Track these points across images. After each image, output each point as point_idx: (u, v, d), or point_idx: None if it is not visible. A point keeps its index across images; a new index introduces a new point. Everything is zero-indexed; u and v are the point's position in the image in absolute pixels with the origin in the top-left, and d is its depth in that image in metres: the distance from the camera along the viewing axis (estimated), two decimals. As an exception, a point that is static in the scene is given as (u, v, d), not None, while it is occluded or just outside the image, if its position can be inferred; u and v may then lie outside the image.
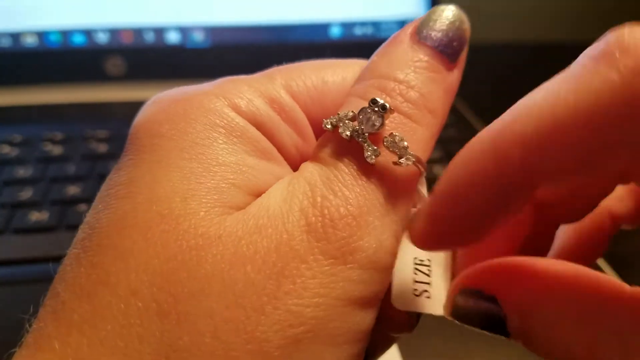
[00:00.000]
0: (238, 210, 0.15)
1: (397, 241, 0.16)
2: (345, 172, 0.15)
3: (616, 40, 0.13)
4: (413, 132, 0.16)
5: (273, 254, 0.14)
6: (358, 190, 0.15)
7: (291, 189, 0.15)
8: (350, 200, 0.15)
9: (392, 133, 0.15)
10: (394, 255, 0.16)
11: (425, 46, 0.17)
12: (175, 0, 0.53)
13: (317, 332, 0.14)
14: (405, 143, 0.15)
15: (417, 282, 0.16)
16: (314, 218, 0.15)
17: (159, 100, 0.18)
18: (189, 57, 0.53)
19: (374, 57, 0.18)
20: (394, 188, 0.16)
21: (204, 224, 0.14)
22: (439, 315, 0.16)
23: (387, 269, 0.16)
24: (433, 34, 0.17)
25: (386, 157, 0.15)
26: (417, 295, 0.16)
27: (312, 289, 0.14)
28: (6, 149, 0.44)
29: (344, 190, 0.15)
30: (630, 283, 0.14)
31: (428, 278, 0.17)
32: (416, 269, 0.17)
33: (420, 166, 0.16)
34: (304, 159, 0.18)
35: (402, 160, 0.15)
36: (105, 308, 0.14)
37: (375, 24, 0.55)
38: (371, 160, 0.15)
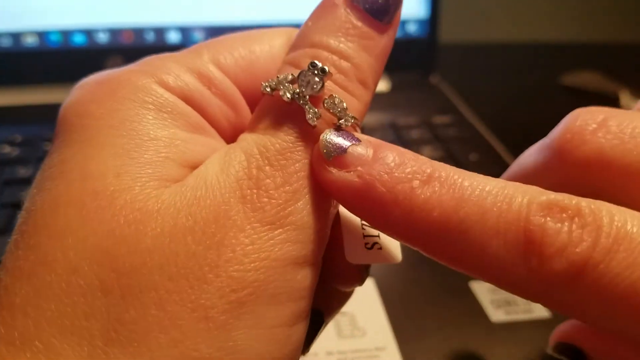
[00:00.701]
0: (174, 182, 0.15)
1: (332, 200, 0.16)
2: (285, 138, 0.16)
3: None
4: (351, 94, 0.16)
5: (212, 225, 0.14)
6: (296, 156, 0.16)
7: (227, 159, 0.16)
8: (288, 169, 0.15)
9: (331, 95, 0.16)
10: (328, 215, 0.16)
11: (359, 10, 0.17)
12: (175, 0, 0.53)
13: (259, 293, 0.14)
14: (345, 104, 0.16)
15: (366, 236, 0.17)
16: (249, 190, 0.15)
17: (85, 83, 0.18)
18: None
19: (308, 20, 0.18)
20: None
21: (140, 198, 0.15)
22: (394, 263, 0.17)
23: (324, 227, 0.16)
24: None
25: (326, 119, 0.16)
26: (369, 249, 0.17)
27: (252, 254, 0.14)
28: (7, 149, 0.44)
29: (281, 159, 0.15)
30: None
31: (375, 232, 0.17)
32: (363, 224, 0.17)
33: (358, 128, 0.16)
34: (237, 131, 0.18)
35: (342, 121, 0.16)
36: (46, 288, 0.14)
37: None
38: (313, 122, 0.15)
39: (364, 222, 0.17)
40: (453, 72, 0.60)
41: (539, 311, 0.31)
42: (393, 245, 0.17)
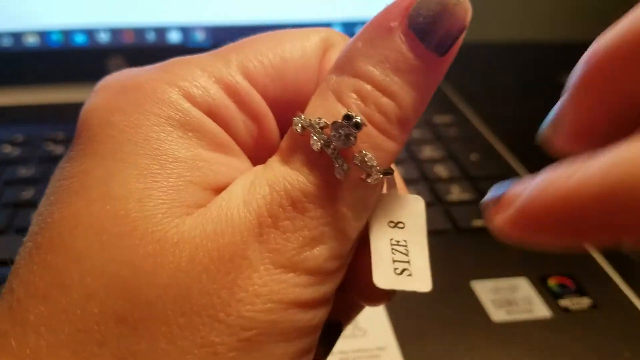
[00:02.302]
0: (197, 207, 0.15)
1: (351, 245, 0.16)
2: (311, 182, 0.15)
3: None
4: (384, 148, 0.16)
5: (228, 264, 0.14)
6: (319, 203, 0.15)
7: (252, 190, 0.15)
8: (309, 213, 0.15)
9: (361, 151, 0.15)
10: (346, 258, 0.16)
11: (413, 39, 0.15)
12: (176, 0, 0.53)
13: (269, 333, 0.14)
14: (375, 162, 0.15)
15: (396, 261, 0.17)
16: (267, 229, 0.15)
17: (107, 86, 0.17)
18: (190, 57, 0.53)
19: (358, 39, 0.16)
20: (358, 202, 0.16)
21: (161, 227, 0.14)
22: (423, 292, 0.16)
23: (338, 270, 0.16)
24: (426, 21, 0.15)
25: (354, 173, 0.15)
26: (398, 274, 0.17)
27: (264, 295, 0.14)
28: (8, 149, 0.44)
29: (305, 202, 0.15)
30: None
31: (406, 257, 0.17)
32: (394, 249, 0.17)
33: (387, 176, 0.16)
34: (259, 145, 0.18)
35: (370, 179, 0.15)
36: (61, 312, 0.14)
37: (376, 24, 0.55)
38: (340, 176, 0.15)
39: (394, 246, 0.17)
40: (453, 71, 0.60)
41: (540, 311, 0.31)
42: (423, 273, 0.17)
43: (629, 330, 0.30)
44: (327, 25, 0.55)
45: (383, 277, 0.16)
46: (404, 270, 0.17)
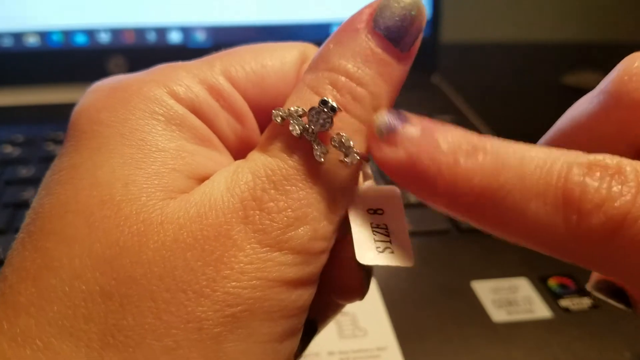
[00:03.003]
0: (180, 193, 0.16)
1: (334, 227, 0.17)
2: (292, 166, 0.16)
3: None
4: (359, 132, 0.17)
5: (212, 242, 0.15)
6: (301, 185, 0.16)
7: (235, 178, 0.16)
8: (292, 195, 0.16)
9: (339, 133, 0.16)
10: (329, 239, 0.17)
11: (379, 37, 0.17)
12: (177, 0, 0.53)
13: (254, 310, 0.15)
14: (352, 142, 0.16)
15: (377, 241, 0.17)
16: (252, 211, 0.15)
17: (98, 88, 0.18)
18: (190, 56, 0.53)
19: (329, 42, 0.18)
20: (338, 183, 0.17)
21: (145, 209, 0.15)
22: (405, 266, 0.17)
23: (322, 252, 0.16)
24: (389, 22, 0.17)
25: (333, 155, 0.16)
26: (380, 252, 0.17)
27: (249, 272, 0.15)
28: (9, 149, 0.44)
29: (286, 185, 0.16)
30: None
31: (387, 237, 0.18)
32: (374, 231, 0.18)
33: (364, 160, 0.17)
34: (243, 144, 0.19)
35: (348, 158, 0.16)
36: (50, 291, 0.14)
37: (376, 24, 0.55)
38: (320, 159, 0.16)
39: (374, 228, 0.18)
40: (454, 72, 0.60)
41: (541, 311, 0.31)
42: (405, 250, 0.18)
43: (629, 330, 0.30)
44: (327, 25, 0.55)
45: (365, 254, 0.17)
46: (385, 248, 0.17)
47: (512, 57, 0.71)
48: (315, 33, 0.54)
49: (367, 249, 0.17)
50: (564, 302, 0.32)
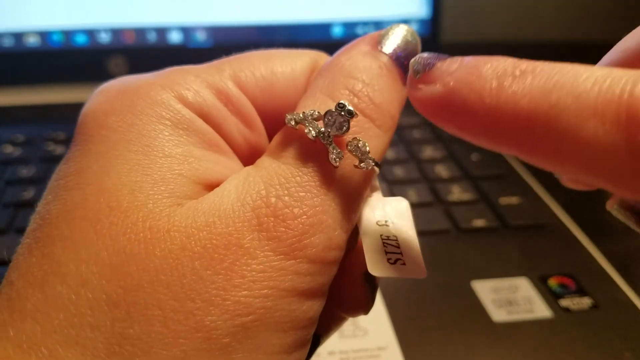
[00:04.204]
0: (187, 199, 0.16)
1: (347, 236, 0.17)
2: (306, 172, 0.16)
3: None
4: (375, 136, 0.17)
5: (222, 251, 0.15)
6: (315, 191, 0.16)
7: (246, 186, 0.16)
8: (306, 202, 0.15)
9: (355, 137, 0.16)
10: (342, 249, 0.16)
11: (386, 55, 0.18)
12: (177, 0, 0.53)
13: (264, 320, 0.14)
14: (367, 148, 0.16)
15: (388, 252, 0.17)
16: (265, 218, 0.15)
17: (106, 90, 0.18)
18: (191, 56, 0.53)
19: (339, 56, 0.18)
20: (352, 189, 0.16)
21: (152, 216, 0.15)
22: (419, 278, 0.17)
23: (335, 262, 0.16)
24: (391, 47, 0.18)
25: (348, 160, 0.16)
26: (392, 264, 0.17)
27: (261, 281, 0.15)
28: (9, 149, 0.44)
29: (300, 191, 0.15)
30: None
31: (398, 249, 0.17)
32: (385, 243, 0.18)
33: (377, 168, 0.17)
34: (252, 149, 0.18)
35: (363, 164, 0.16)
36: (57, 297, 0.14)
37: (377, 24, 0.55)
38: (335, 163, 0.16)
39: (385, 240, 0.17)
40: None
41: (541, 311, 0.31)
42: (417, 261, 0.17)
43: (630, 330, 0.30)
44: (327, 25, 0.55)
45: (377, 266, 0.17)
46: (397, 260, 0.17)
47: (512, 57, 0.71)
48: (315, 33, 0.54)
49: (378, 259, 0.17)
50: (564, 302, 0.32)
